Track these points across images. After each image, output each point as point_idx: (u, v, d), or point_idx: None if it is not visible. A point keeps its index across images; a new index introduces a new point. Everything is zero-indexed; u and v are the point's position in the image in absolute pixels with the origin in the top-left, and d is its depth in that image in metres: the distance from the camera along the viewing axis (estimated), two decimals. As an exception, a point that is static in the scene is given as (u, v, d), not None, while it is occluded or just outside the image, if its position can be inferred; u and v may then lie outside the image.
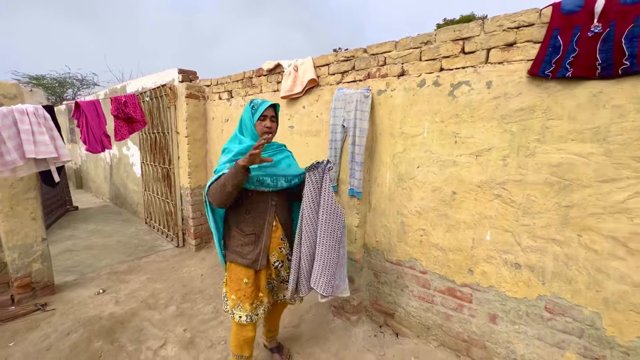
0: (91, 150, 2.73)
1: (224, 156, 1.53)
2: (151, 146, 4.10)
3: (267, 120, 1.54)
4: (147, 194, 4.43)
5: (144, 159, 4.38)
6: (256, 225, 1.55)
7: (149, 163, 4.25)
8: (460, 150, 1.78)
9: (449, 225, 1.87)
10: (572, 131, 1.45)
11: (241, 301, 1.56)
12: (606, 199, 1.39)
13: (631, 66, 1.28)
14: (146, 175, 4.41)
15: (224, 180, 1.35)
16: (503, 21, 1.58)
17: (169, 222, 3.98)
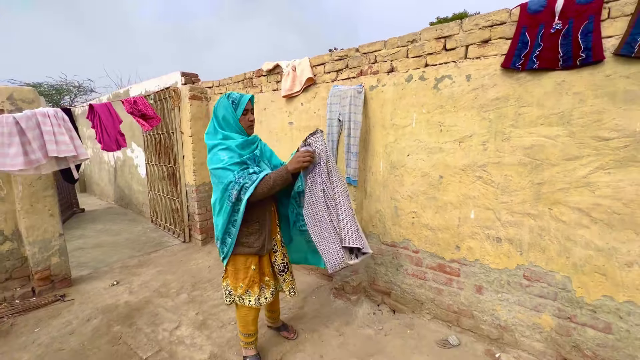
0: (106, 148, 2.90)
1: (224, 153, 1.51)
2: (156, 147, 4.27)
3: (249, 114, 1.60)
4: (153, 193, 4.60)
5: (149, 160, 4.56)
6: (259, 214, 1.63)
7: (154, 163, 4.43)
8: (445, 138, 1.97)
9: (437, 206, 2.05)
10: (541, 116, 1.63)
11: (250, 287, 1.68)
12: (571, 175, 1.58)
13: (587, 57, 1.47)
14: (151, 176, 4.58)
15: (272, 183, 1.48)
16: (479, 20, 1.77)
17: (175, 219, 4.15)
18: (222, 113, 1.57)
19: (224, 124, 1.58)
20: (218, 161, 1.51)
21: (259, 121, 3.19)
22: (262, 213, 1.65)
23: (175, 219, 4.14)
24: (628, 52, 1.38)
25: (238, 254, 1.65)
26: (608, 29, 1.44)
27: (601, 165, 1.50)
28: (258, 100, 3.16)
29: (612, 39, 1.43)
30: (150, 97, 4.05)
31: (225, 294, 1.75)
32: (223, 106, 1.56)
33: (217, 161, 1.51)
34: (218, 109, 1.58)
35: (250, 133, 1.65)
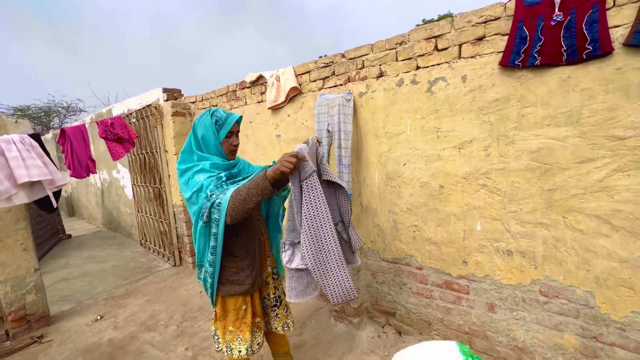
0: (76, 175, 2.72)
1: (200, 175, 1.29)
2: (141, 167, 4.08)
3: (233, 137, 1.40)
4: (141, 215, 4.39)
5: (135, 181, 4.36)
6: (249, 246, 1.42)
7: (140, 184, 4.23)
8: (443, 145, 1.82)
9: (440, 218, 1.89)
10: (546, 117, 1.49)
11: (241, 331, 1.43)
12: (586, 179, 1.43)
13: (594, 50, 1.33)
14: (138, 197, 4.38)
15: (246, 194, 1.16)
16: (471, 17, 1.64)
17: (164, 242, 3.94)
18: (202, 132, 1.34)
19: (203, 145, 1.36)
20: (194, 185, 1.28)
21: (245, 135, 3.02)
22: (253, 245, 1.44)
23: (164, 242, 3.93)
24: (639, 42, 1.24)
25: (227, 296, 1.41)
26: (615, 18, 1.30)
27: (619, 167, 1.35)
28: (243, 112, 3.01)
29: (620, 28, 1.29)
30: (133, 116, 3.88)
31: (215, 340, 1.53)
32: (204, 125, 1.34)
33: (194, 185, 1.28)
34: (198, 127, 1.35)
35: (231, 159, 1.43)
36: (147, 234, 4.35)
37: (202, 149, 1.36)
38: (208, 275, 1.38)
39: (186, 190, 1.31)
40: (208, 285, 1.41)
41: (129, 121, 3.98)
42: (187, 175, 1.32)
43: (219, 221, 1.22)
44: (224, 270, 1.38)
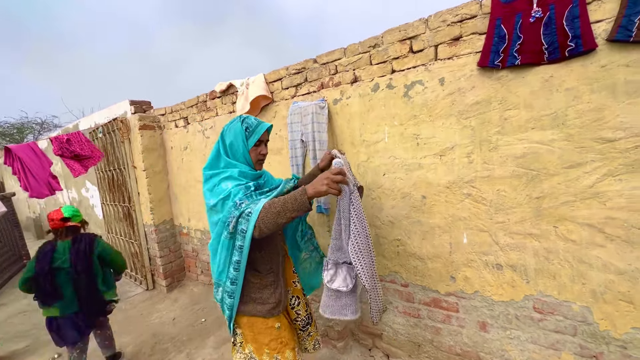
0: (36, 195, 2.47)
1: (228, 182, 1.20)
2: (109, 184, 3.82)
3: (262, 146, 1.33)
4: (111, 236, 4.10)
5: (104, 199, 4.08)
6: (273, 262, 1.33)
7: (109, 203, 3.95)
8: (423, 152, 1.69)
9: (424, 231, 1.76)
10: (530, 119, 1.39)
11: (279, 352, 1.28)
12: (575, 185, 1.33)
13: (576, 47, 1.24)
14: (108, 217, 4.09)
15: (281, 207, 1.07)
16: (446, 16, 1.54)
17: (135, 265, 3.66)
18: (230, 139, 1.28)
19: (230, 152, 1.29)
20: (221, 192, 1.19)
21: (218, 148, 2.84)
22: (277, 260, 1.35)
23: (136, 264, 3.66)
24: (625, 37, 1.16)
25: (254, 315, 1.29)
26: (596, 13, 1.22)
27: (609, 172, 1.25)
28: (214, 124, 2.83)
29: (603, 23, 1.21)
30: (99, 131, 3.63)
31: None
32: (234, 131, 1.28)
33: (220, 192, 1.19)
34: (227, 134, 1.30)
35: (258, 169, 1.36)
36: None
37: (229, 155, 1.30)
38: (227, 295, 1.26)
39: (211, 197, 1.23)
40: (226, 306, 1.29)
41: (95, 136, 3.73)
42: (213, 182, 1.25)
43: (245, 233, 1.11)
44: (246, 287, 1.28)
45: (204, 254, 3.29)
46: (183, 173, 3.28)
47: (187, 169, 3.23)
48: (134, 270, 3.73)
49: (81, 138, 2.61)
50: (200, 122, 2.97)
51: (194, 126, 3.03)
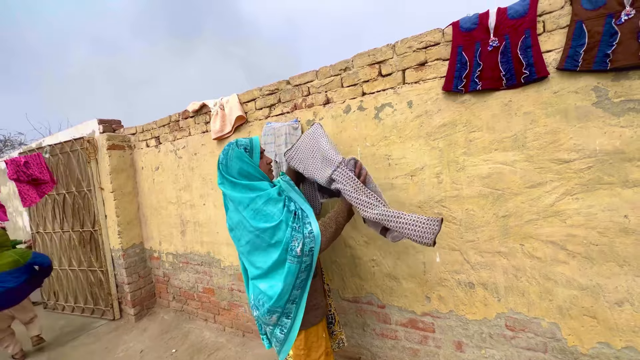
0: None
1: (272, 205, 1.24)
2: (59, 210, 3.48)
3: (264, 155, 1.39)
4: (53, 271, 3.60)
5: (42, 227, 3.67)
6: (317, 264, 1.38)
7: (52, 231, 3.58)
8: (395, 173, 1.72)
9: (398, 251, 1.76)
10: (493, 141, 1.45)
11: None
12: (537, 204, 1.38)
13: (531, 74, 1.32)
14: (44, 247, 3.68)
15: (336, 225, 1.30)
16: (411, 42, 1.60)
17: (98, 294, 3.36)
18: (238, 166, 1.29)
19: (243, 175, 1.30)
20: (269, 218, 1.22)
21: (190, 168, 2.77)
22: (317, 260, 1.33)
23: (98, 294, 3.36)
24: (572, 66, 1.25)
25: (308, 327, 1.31)
26: (546, 43, 1.31)
27: (567, 191, 1.32)
28: (187, 144, 2.76)
29: (553, 53, 1.30)
30: (45, 151, 3.39)
31: None
32: (237, 157, 1.29)
33: (268, 218, 1.22)
34: (231, 164, 1.29)
35: (271, 178, 1.41)
36: (63, 291, 3.63)
37: (244, 177, 1.31)
38: (285, 317, 1.25)
39: (257, 221, 1.23)
40: (282, 330, 1.26)
41: (52, 155, 3.49)
42: (253, 207, 1.25)
43: (314, 250, 1.22)
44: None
45: (175, 279, 3.14)
46: (154, 194, 3.16)
47: (158, 190, 3.11)
48: (92, 301, 3.39)
49: (41, 161, 2.46)
50: (172, 142, 2.89)
51: (166, 146, 2.95)
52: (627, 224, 1.22)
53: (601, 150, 1.24)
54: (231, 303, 2.67)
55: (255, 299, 1.30)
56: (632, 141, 1.19)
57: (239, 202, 1.27)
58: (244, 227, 1.26)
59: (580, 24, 1.22)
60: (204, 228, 2.76)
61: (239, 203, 1.27)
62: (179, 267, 3.07)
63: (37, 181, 2.38)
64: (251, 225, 1.23)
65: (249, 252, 1.28)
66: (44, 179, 2.39)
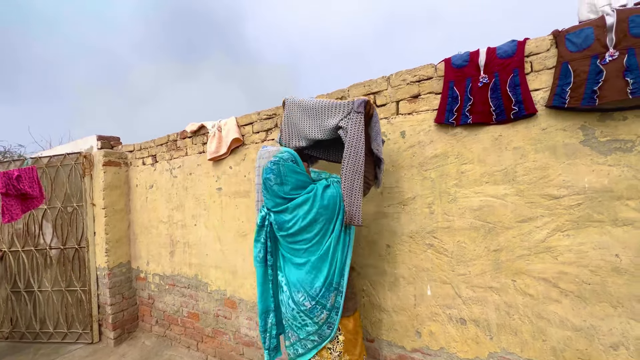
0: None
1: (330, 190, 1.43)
2: (39, 225, 3.27)
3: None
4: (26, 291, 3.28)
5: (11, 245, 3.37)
6: None
7: (26, 249, 3.32)
8: (387, 201, 1.71)
9: (389, 282, 1.72)
10: (484, 174, 1.46)
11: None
12: (529, 239, 1.37)
13: (520, 110, 1.36)
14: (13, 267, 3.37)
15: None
16: (405, 75, 1.66)
17: (75, 317, 3.16)
18: (294, 179, 1.40)
19: (300, 180, 1.42)
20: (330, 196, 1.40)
21: (184, 187, 2.76)
22: None
23: (75, 317, 3.17)
24: (560, 104, 1.28)
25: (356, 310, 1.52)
26: (534, 82, 1.36)
27: (558, 227, 1.31)
28: (183, 163, 2.77)
29: (541, 91, 1.34)
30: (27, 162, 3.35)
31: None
32: (292, 171, 1.40)
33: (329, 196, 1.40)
34: (288, 179, 1.39)
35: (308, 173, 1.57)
36: (25, 316, 3.31)
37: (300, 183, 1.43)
38: (339, 297, 1.40)
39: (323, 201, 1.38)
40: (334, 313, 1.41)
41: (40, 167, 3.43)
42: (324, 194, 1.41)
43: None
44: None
45: (160, 302, 3.03)
46: (146, 212, 3.12)
47: (151, 208, 3.08)
48: (64, 325, 3.19)
49: (34, 175, 2.45)
50: (168, 161, 2.90)
51: (162, 165, 2.95)
52: (618, 263, 1.21)
53: (590, 187, 1.25)
54: (215, 330, 2.56)
55: (308, 287, 1.38)
56: (620, 180, 1.20)
57: (308, 200, 1.38)
58: (320, 211, 1.36)
59: (566, 65, 1.27)
60: (194, 249, 2.70)
61: (307, 200, 1.37)
62: (165, 289, 2.97)
63: (26, 196, 2.35)
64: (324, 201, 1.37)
65: (317, 241, 1.38)
66: (33, 194, 2.37)
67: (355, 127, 1.33)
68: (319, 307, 1.37)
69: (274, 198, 1.42)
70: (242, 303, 2.38)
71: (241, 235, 2.36)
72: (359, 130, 1.33)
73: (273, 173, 1.39)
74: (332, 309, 1.39)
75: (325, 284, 1.37)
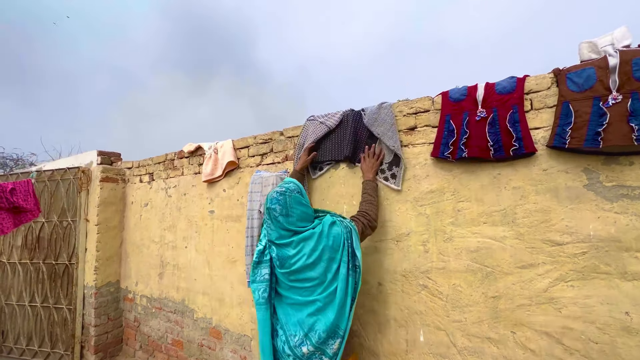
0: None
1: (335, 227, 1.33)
2: (35, 238, 3.24)
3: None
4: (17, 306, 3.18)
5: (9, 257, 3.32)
6: None
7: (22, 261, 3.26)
8: (380, 236, 1.63)
9: (379, 323, 1.60)
10: (482, 213, 1.38)
11: None
12: (530, 287, 1.26)
13: (520, 148, 1.29)
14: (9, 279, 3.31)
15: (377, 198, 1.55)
16: (402, 107, 1.62)
17: (59, 336, 3.05)
18: (299, 211, 1.34)
19: (306, 222, 1.36)
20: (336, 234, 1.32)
21: (178, 208, 2.71)
22: None
23: (59, 336, 3.05)
24: (560, 144, 1.21)
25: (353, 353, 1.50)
26: (534, 120, 1.30)
27: (561, 276, 1.20)
28: (178, 183, 2.74)
29: (541, 130, 1.28)
30: (32, 175, 3.39)
31: None
32: (298, 202, 1.35)
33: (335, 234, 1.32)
34: (293, 211, 1.33)
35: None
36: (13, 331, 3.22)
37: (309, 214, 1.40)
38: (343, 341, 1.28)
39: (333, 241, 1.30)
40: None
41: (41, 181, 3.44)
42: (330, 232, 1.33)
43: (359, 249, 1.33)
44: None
45: (146, 325, 2.91)
46: (139, 231, 3.06)
47: (144, 227, 3.02)
48: (48, 344, 3.06)
49: (29, 188, 2.43)
50: (165, 180, 2.87)
51: (158, 183, 2.92)
52: (629, 322, 1.09)
53: (595, 235, 1.15)
54: (199, 361, 2.42)
55: (307, 330, 1.26)
56: (628, 230, 1.10)
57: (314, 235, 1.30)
58: (325, 249, 1.28)
59: (567, 105, 1.21)
60: (183, 272, 2.61)
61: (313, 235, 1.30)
62: (152, 312, 2.86)
63: (19, 209, 2.32)
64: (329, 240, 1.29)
65: (321, 282, 1.29)
66: (26, 207, 2.33)
67: None
68: (317, 354, 1.25)
69: (278, 230, 1.33)
70: (227, 334, 2.26)
71: (230, 262, 2.27)
72: None
73: (279, 204, 1.31)
74: (333, 356, 1.26)
75: (329, 329, 1.24)
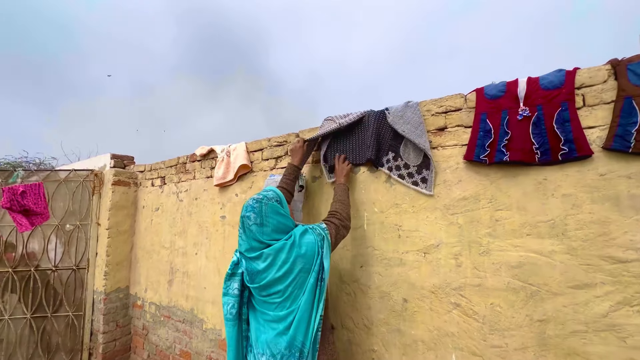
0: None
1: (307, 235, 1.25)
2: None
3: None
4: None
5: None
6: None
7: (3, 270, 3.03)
8: (405, 247, 1.48)
9: (405, 344, 1.44)
10: (525, 224, 1.21)
11: None
12: (585, 311, 1.09)
13: (570, 151, 1.13)
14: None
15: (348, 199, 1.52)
16: (430, 106, 1.48)
17: (60, 345, 2.91)
18: (275, 221, 1.24)
19: (280, 233, 1.26)
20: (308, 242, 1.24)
21: (189, 213, 2.62)
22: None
23: (61, 345, 2.94)
24: (623, 147, 1.05)
25: None
26: (587, 119, 1.14)
27: (625, 300, 1.03)
28: (190, 187, 2.66)
29: (596, 130, 1.12)
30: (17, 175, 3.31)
31: None
32: (274, 212, 1.25)
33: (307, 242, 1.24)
34: (268, 220, 1.23)
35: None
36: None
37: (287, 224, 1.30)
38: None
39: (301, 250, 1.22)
40: None
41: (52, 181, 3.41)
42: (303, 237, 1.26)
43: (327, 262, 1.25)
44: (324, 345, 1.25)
45: (154, 334, 2.81)
46: (149, 235, 2.99)
47: (154, 231, 2.95)
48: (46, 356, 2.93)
49: (40, 192, 2.40)
50: (176, 184, 2.80)
51: (170, 187, 2.85)
52: None
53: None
54: (207, 375, 2.30)
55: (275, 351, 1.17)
56: None
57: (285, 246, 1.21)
58: (297, 260, 1.19)
59: (629, 101, 1.05)
60: (192, 280, 2.51)
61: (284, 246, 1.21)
62: (160, 320, 2.76)
63: (29, 212, 2.28)
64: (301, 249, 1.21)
65: (290, 294, 1.19)
66: (37, 210, 2.30)
67: None
68: None
69: (250, 240, 1.22)
70: (237, 347, 2.13)
71: (242, 270, 2.16)
72: None
73: (254, 211, 1.21)
74: None
75: (287, 344, 1.15)
